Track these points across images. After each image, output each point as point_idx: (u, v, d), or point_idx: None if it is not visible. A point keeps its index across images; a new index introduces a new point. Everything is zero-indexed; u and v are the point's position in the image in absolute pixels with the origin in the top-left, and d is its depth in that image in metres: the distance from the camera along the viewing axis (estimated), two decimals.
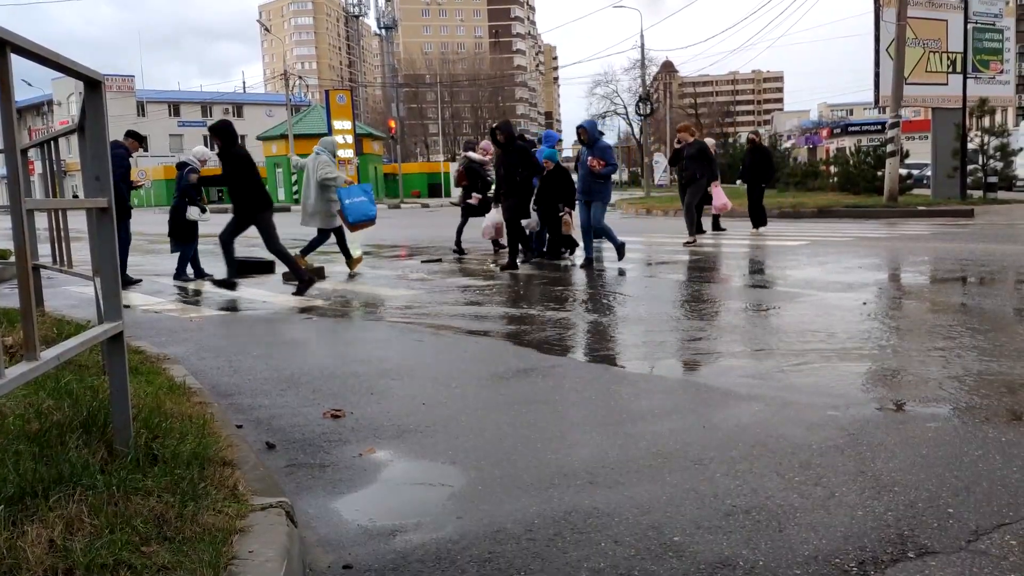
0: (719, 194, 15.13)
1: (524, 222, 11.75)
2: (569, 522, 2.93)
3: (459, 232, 14.05)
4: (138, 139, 11.36)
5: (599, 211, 11.39)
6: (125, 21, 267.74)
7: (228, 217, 9.91)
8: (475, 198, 13.86)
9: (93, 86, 3.06)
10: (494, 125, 11.84)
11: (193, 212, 11.31)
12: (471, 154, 14.30)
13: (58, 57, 2.61)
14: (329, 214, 11.29)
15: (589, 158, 11.06)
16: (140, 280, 11.26)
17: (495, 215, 12.89)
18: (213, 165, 11.40)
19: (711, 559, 2.61)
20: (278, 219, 9.94)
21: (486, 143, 13.95)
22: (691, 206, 14.37)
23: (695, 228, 14.46)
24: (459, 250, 13.83)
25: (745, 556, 2.62)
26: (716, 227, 16.98)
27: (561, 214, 12.27)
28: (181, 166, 11.77)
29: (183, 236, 11.43)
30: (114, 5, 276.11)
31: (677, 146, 14.57)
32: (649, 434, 3.90)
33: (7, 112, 2.33)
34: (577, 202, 11.75)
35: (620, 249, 11.41)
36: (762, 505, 3.00)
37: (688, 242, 14.06)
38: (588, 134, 11.29)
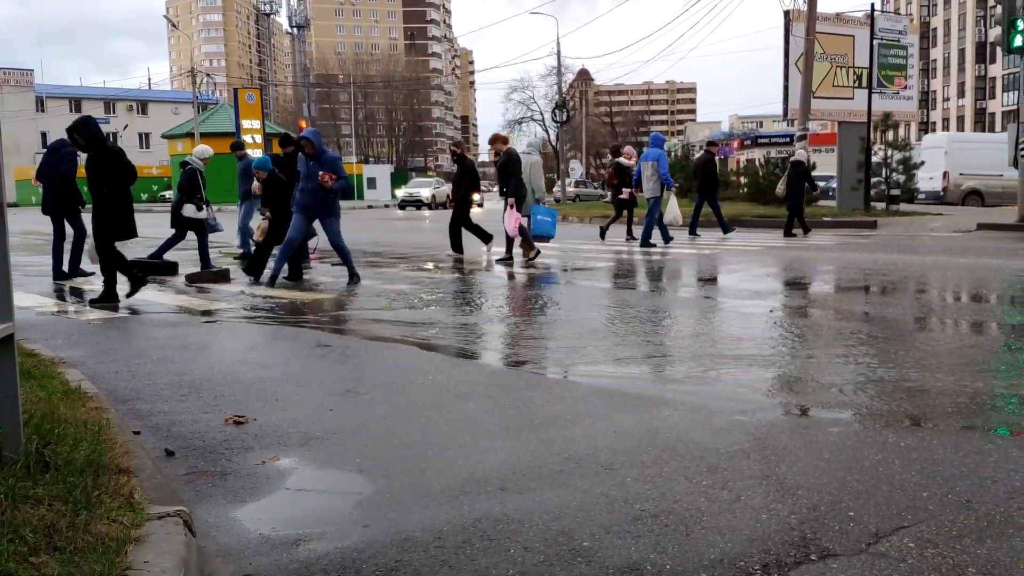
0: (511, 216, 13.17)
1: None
2: (479, 529, 2.90)
3: (629, 223, 17.22)
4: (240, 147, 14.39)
5: (335, 228, 10.41)
6: (19, 16, 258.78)
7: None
8: (625, 192, 16.78)
9: None
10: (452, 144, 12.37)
11: (189, 209, 11.79)
12: (621, 160, 17.32)
13: None
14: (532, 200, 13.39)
15: (320, 172, 10.09)
16: (93, 273, 10.77)
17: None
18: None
19: (620, 564, 2.61)
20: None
21: (629, 148, 18.78)
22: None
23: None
24: (631, 237, 16.73)
25: (653, 560, 2.63)
26: (630, 235, 17.23)
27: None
28: (183, 164, 12.25)
29: (181, 231, 12.04)
30: None
31: (495, 158, 13.73)
32: (561, 439, 3.90)
33: None
34: (294, 215, 10.51)
35: (353, 278, 10.32)
36: (670, 509, 3.02)
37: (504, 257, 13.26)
38: (314, 146, 10.25)
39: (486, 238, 13.81)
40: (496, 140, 13.74)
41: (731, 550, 2.68)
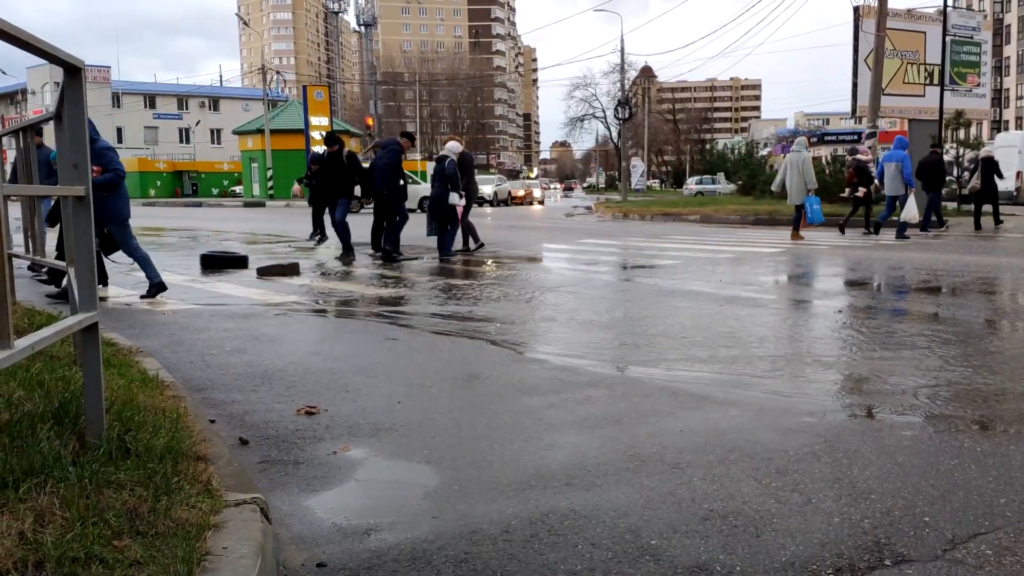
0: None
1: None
2: (546, 524, 2.92)
3: (867, 217, 17.80)
4: (410, 139, 13.76)
5: (119, 233, 8.49)
6: (84, 14, 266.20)
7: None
8: (861, 191, 17.68)
9: (73, 73, 3.01)
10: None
11: (454, 198, 13.27)
12: (860, 156, 18.90)
13: (39, 42, 2.56)
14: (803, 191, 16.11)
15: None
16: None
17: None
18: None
19: (688, 563, 2.60)
20: (261, 212, 9.82)
21: (862, 146, 20.64)
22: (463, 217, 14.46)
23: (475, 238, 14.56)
24: (874, 230, 17.31)
25: (722, 561, 2.61)
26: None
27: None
28: (440, 159, 13.65)
29: (445, 218, 13.36)
30: None
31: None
32: (626, 437, 3.89)
33: None
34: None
35: (153, 288, 8.57)
36: (739, 510, 3.00)
37: (467, 249, 14.25)
38: None
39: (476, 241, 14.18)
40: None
41: (802, 553, 2.66)
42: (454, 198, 13.32)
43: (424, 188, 26.14)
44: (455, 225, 13.64)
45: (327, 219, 14.58)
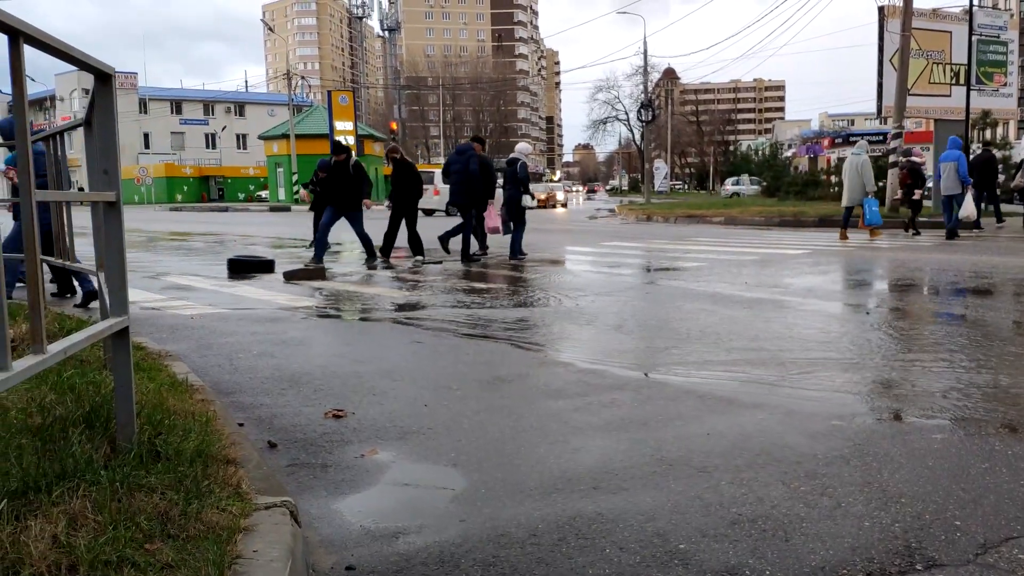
0: (492, 215, 14.42)
1: None
2: (574, 527, 2.91)
3: (914, 218, 18.17)
4: (480, 141, 14.19)
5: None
6: (109, 20, 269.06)
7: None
8: (917, 193, 18.19)
9: (104, 79, 3.04)
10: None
11: (527, 200, 13.93)
12: (913, 159, 19.30)
13: (71, 49, 2.59)
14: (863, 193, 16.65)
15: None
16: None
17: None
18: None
19: (717, 568, 2.59)
20: (287, 217, 9.89)
21: (918, 149, 21.13)
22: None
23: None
24: (916, 230, 17.94)
25: (752, 565, 2.60)
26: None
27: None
28: (512, 161, 14.05)
29: (516, 219, 13.77)
30: (95, 3, 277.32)
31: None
32: (652, 440, 3.88)
33: (19, 102, 2.31)
34: None
35: (88, 298, 8.28)
36: (768, 514, 2.98)
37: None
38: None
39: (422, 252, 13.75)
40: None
41: (832, 558, 2.64)
42: (526, 200, 13.87)
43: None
44: (521, 226, 13.94)
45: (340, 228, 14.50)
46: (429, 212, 32.29)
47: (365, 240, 13.25)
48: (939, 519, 2.91)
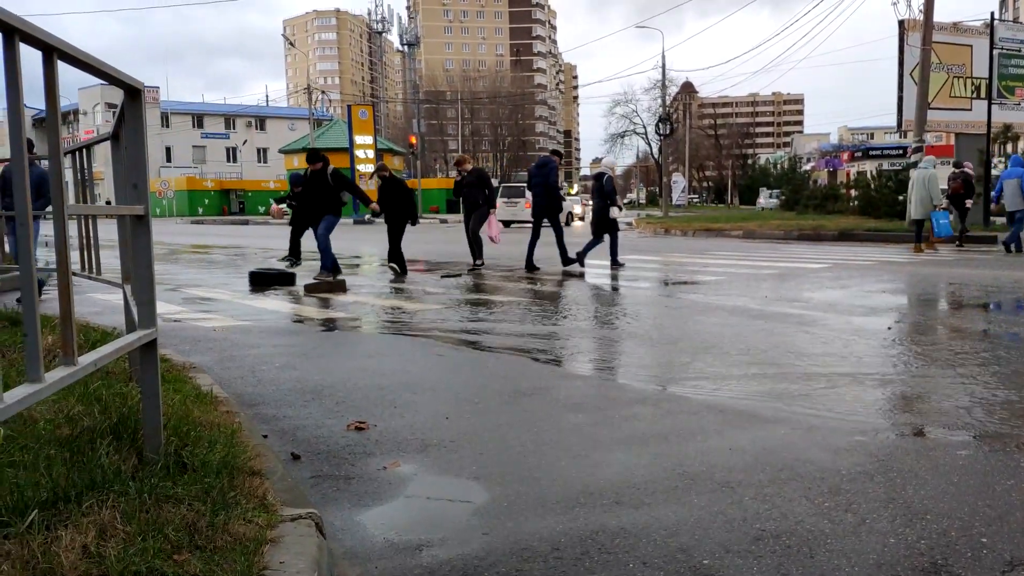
0: (492, 225, 14.66)
1: None
2: (596, 542, 2.92)
3: (963, 224, 18.79)
4: (559, 155, 14.94)
5: None
6: (129, 35, 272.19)
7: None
8: (969, 204, 18.97)
9: (133, 94, 3.09)
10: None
11: (614, 211, 14.28)
12: (966, 169, 19.56)
13: (103, 65, 2.64)
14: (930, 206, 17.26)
15: None
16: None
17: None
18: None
19: None
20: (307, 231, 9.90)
21: (967, 160, 20.85)
22: (475, 232, 14.49)
23: (479, 254, 14.54)
24: (961, 242, 18.66)
25: None
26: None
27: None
28: (599, 176, 14.58)
29: (608, 230, 14.32)
30: (117, 19, 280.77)
31: (457, 178, 15.02)
32: (674, 455, 3.88)
33: (53, 118, 2.35)
34: None
35: None
36: (792, 530, 2.97)
37: (474, 267, 14.23)
38: None
39: (404, 269, 13.79)
40: (464, 161, 15.02)
41: (858, 574, 2.63)
42: (614, 211, 14.32)
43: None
44: (615, 235, 14.52)
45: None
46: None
47: (324, 246, 12.52)
48: (965, 536, 2.90)
